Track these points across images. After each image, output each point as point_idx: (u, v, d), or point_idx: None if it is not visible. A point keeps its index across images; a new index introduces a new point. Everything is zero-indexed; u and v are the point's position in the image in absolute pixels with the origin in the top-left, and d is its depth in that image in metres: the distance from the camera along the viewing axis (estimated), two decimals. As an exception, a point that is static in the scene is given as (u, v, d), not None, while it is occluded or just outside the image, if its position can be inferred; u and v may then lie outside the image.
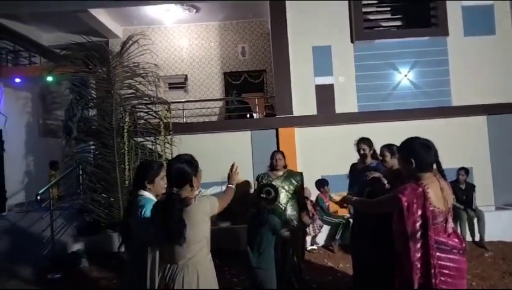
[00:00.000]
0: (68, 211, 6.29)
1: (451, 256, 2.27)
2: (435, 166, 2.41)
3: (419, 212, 2.25)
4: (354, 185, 4.19)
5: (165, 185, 2.59)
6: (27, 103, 7.97)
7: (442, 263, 2.25)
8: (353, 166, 4.32)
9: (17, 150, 7.38)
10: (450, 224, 2.33)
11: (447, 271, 2.25)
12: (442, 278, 2.23)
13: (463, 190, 6.00)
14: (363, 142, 4.11)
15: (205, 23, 9.00)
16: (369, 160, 4.11)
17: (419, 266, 2.23)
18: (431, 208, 2.24)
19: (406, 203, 2.24)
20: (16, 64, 8.07)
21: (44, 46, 8.36)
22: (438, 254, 2.24)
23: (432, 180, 2.31)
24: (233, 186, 2.70)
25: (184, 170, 2.28)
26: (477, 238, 5.89)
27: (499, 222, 6.04)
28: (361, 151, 4.10)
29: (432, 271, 2.21)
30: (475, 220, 5.93)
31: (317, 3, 6.92)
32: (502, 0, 6.93)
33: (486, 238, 5.84)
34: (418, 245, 2.25)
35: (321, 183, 6.01)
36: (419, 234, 2.25)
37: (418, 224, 2.25)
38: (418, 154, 2.34)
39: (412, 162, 2.34)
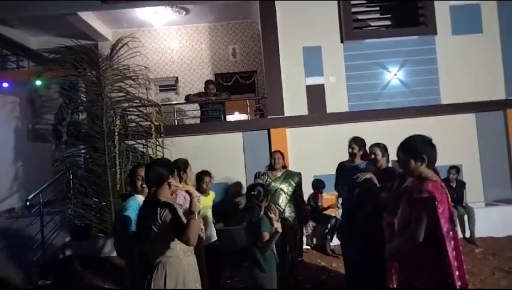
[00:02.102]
0: (59, 216, 6.23)
1: None
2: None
3: (446, 208, 2.22)
4: (341, 183, 4.23)
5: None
6: (15, 108, 7.86)
7: None
8: (341, 165, 4.29)
9: (5, 155, 7.28)
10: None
11: None
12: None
13: (454, 188, 6.06)
14: (354, 142, 4.13)
15: (195, 25, 8.98)
16: (358, 160, 4.12)
17: (456, 264, 2.18)
18: (450, 200, 2.25)
19: (438, 200, 2.18)
20: (3, 69, 7.97)
21: (32, 50, 8.26)
22: None
23: (437, 177, 2.32)
24: (196, 217, 2.34)
25: (159, 172, 2.45)
26: (467, 235, 5.96)
27: (489, 218, 6.12)
28: (350, 150, 4.12)
29: (464, 268, 2.19)
30: (465, 217, 6.00)
31: (306, 4, 6.95)
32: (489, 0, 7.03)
33: (477, 234, 5.92)
34: (452, 242, 2.20)
35: (318, 185, 5.98)
36: (449, 230, 2.21)
37: (446, 220, 2.20)
38: (428, 151, 2.33)
39: (425, 158, 2.31)
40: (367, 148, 4.07)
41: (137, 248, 2.55)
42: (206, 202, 4.02)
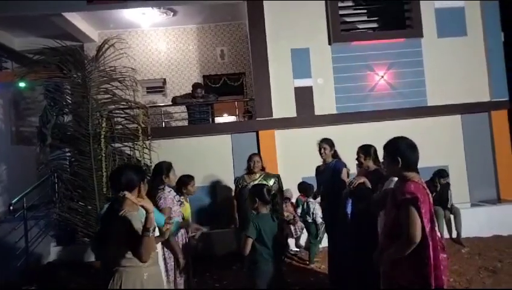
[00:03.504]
0: (43, 220, 6.10)
1: (442, 254, 2.28)
2: None
3: (427, 208, 2.24)
4: (320, 185, 4.55)
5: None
6: (-2, 110, 7.69)
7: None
8: (317, 168, 4.57)
9: (-12, 158, 7.11)
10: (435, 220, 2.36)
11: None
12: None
13: (438, 190, 6.03)
14: (323, 142, 4.39)
15: (183, 26, 8.92)
16: (329, 159, 4.34)
17: (433, 263, 2.20)
18: (431, 201, 2.27)
19: (421, 201, 2.20)
20: (-15, 70, 7.79)
21: (16, 51, 8.09)
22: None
23: (418, 179, 2.34)
24: (150, 235, 2.21)
25: (130, 176, 2.39)
26: (454, 235, 6.03)
27: (475, 219, 6.20)
28: (323, 150, 4.34)
29: (441, 268, 2.21)
30: (452, 217, 6.07)
31: (294, 6, 6.97)
32: (473, 0, 7.14)
33: (463, 235, 5.99)
34: (431, 242, 2.22)
35: (305, 189, 5.76)
36: (430, 230, 2.23)
37: (428, 221, 2.22)
38: (405, 154, 2.36)
39: (399, 161, 2.36)
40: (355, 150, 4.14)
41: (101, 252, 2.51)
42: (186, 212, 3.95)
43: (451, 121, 7.12)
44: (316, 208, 5.41)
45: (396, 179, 2.44)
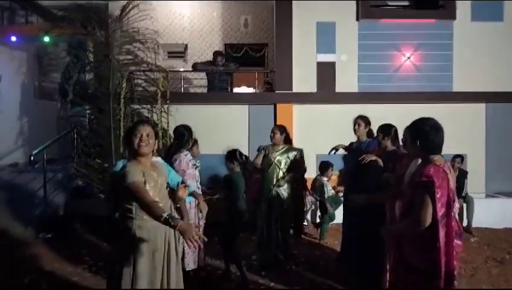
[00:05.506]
0: (61, 173, 6.30)
1: (456, 241, 2.27)
2: None
3: (445, 193, 2.20)
4: (345, 162, 4.43)
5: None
6: (22, 63, 7.81)
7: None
8: (350, 144, 4.43)
9: (11, 110, 7.29)
10: (457, 205, 2.33)
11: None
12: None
13: (456, 177, 6.01)
14: (359, 118, 4.26)
15: (209, -8, 8.74)
16: (363, 137, 4.22)
17: (444, 250, 2.19)
18: (451, 187, 2.23)
19: (437, 185, 2.15)
20: (12, 23, 7.86)
21: (41, 6, 8.11)
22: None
23: (441, 162, 2.28)
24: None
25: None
26: (465, 224, 5.99)
27: (488, 210, 6.13)
28: (357, 127, 4.23)
29: (453, 254, 2.20)
30: (464, 206, 6.01)
31: (324, -22, 6.73)
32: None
33: (475, 225, 5.95)
34: (445, 228, 2.20)
35: (326, 167, 5.75)
36: (444, 215, 2.20)
37: (442, 205, 2.19)
38: (424, 135, 2.29)
39: (417, 142, 2.30)
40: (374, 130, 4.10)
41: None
42: None
43: (474, 109, 6.92)
44: (329, 188, 5.46)
45: (420, 161, 2.39)
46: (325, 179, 5.61)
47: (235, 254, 3.91)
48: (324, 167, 5.68)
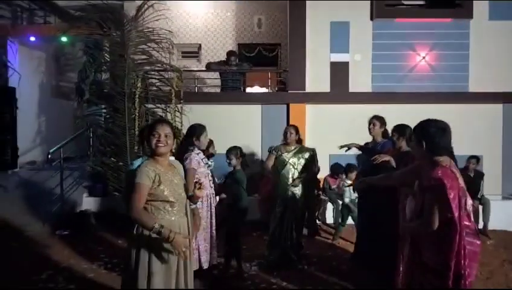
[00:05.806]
0: (78, 172, 6.42)
1: (470, 239, 2.23)
2: None
3: (456, 193, 2.17)
4: (360, 162, 4.36)
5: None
6: (41, 63, 7.99)
7: (468, 247, 2.21)
8: (365, 144, 4.43)
9: (30, 109, 7.47)
10: (470, 201, 2.28)
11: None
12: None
13: (471, 178, 5.92)
14: (374, 118, 4.25)
15: (222, -8, 8.79)
16: (379, 138, 4.20)
17: (456, 250, 2.16)
18: (461, 185, 2.20)
19: (448, 187, 2.13)
20: (30, 23, 8.04)
21: (59, 6, 8.28)
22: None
23: (448, 163, 2.25)
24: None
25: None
26: (480, 226, 5.89)
27: (505, 212, 6.02)
28: (372, 126, 4.22)
29: (462, 254, 2.17)
30: (480, 208, 5.92)
31: (338, -23, 6.70)
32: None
33: (491, 227, 5.84)
34: (458, 228, 2.17)
35: (337, 170, 5.85)
36: (455, 216, 2.17)
37: (456, 206, 2.16)
38: (430, 137, 2.26)
39: (423, 144, 2.28)
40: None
41: None
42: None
43: (491, 109, 6.79)
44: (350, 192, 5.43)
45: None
46: (349, 181, 5.55)
47: (238, 247, 4.06)
48: (349, 169, 5.57)
